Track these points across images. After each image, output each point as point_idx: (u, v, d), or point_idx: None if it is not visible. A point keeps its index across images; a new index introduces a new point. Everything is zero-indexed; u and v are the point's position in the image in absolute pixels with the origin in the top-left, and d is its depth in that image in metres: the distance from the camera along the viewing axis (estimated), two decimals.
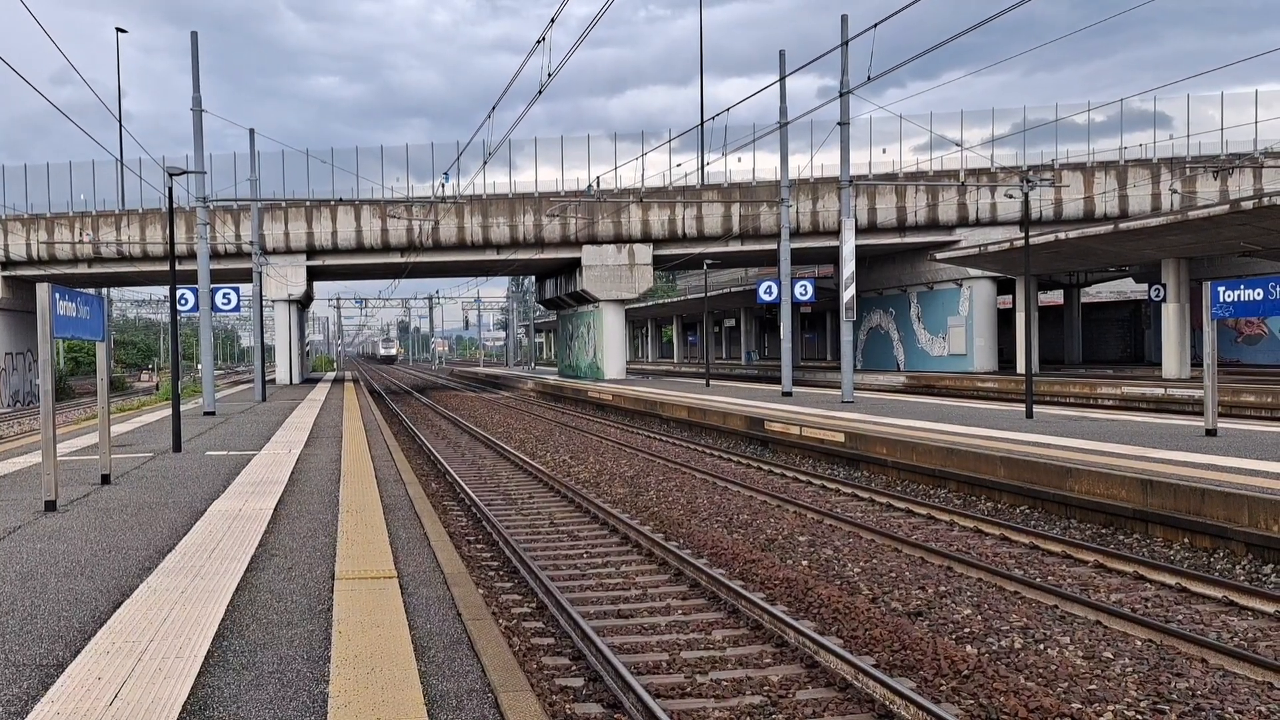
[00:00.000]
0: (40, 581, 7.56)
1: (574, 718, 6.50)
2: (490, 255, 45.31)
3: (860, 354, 49.63)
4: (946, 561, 10.44)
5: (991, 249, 36.32)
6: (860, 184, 36.56)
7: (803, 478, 16.76)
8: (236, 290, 29.53)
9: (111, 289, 66.33)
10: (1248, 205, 26.89)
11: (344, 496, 11.79)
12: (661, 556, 10.86)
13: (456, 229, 43.94)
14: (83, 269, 45.86)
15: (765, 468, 18.33)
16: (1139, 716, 6.34)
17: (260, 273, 37.47)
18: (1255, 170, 38.23)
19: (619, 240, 43.92)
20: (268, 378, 41.75)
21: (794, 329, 38.70)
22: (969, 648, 7.67)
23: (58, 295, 10.76)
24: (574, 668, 7.42)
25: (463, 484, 16.29)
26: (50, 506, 10.86)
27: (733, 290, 67.58)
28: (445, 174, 33.34)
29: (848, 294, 25.72)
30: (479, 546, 11.95)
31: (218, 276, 36.87)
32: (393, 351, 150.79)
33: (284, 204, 44.18)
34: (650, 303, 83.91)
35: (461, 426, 29.19)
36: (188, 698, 5.02)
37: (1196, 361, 37.18)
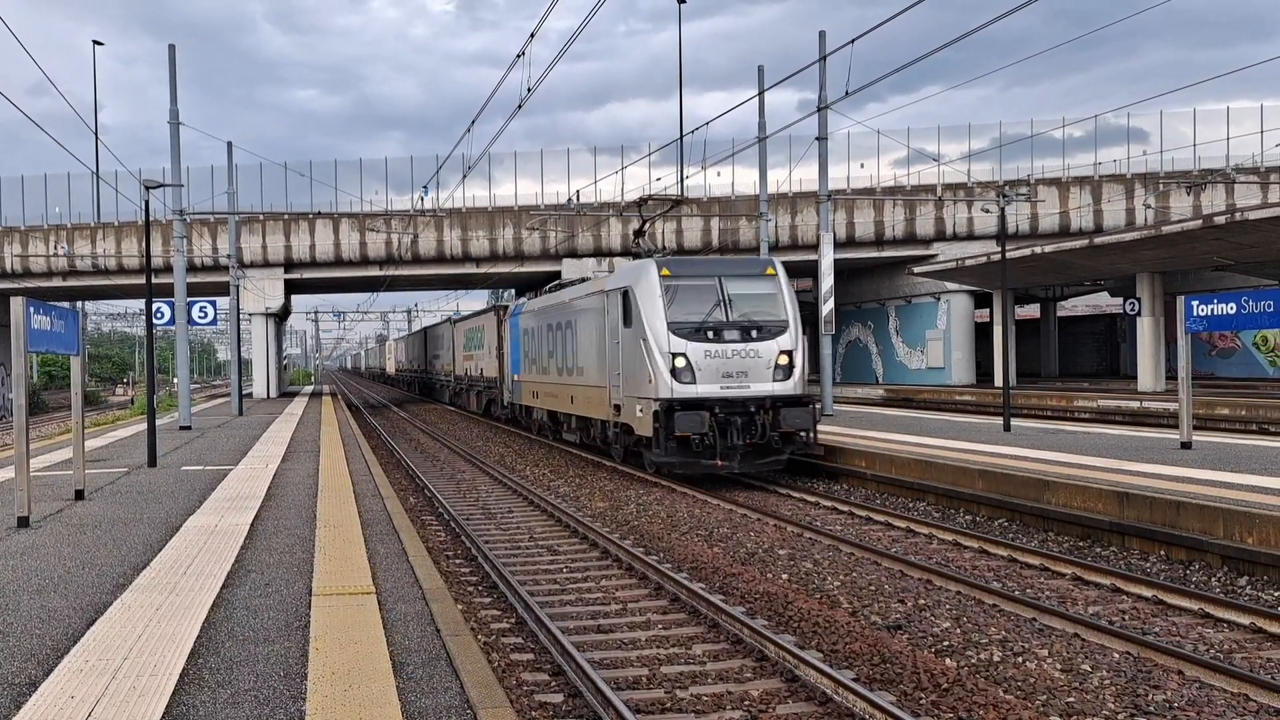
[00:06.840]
0: (12, 598, 7.46)
1: None
2: (470, 268, 45.25)
3: (839, 367, 49.82)
4: (926, 574, 10.46)
5: (969, 263, 36.60)
6: (839, 198, 36.77)
7: (781, 491, 16.77)
8: (213, 303, 29.36)
9: (87, 302, 65.74)
10: (1220, 220, 27.23)
11: (322, 511, 11.70)
12: (642, 571, 10.84)
13: (435, 242, 43.87)
14: (57, 282, 45.49)
15: (744, 481, 18.32)
16: None
17: (238, 286, 37.30)
18: (1227, 185, 38.73)
19: (599, 253, 43.98)
20: (245, 392, 41.48)
21: None
22: (948, 661, 7.68)
23: (32, 309, 10.66)
24: (554, 683, 7.38)
25: (441, 499, 16.21)
26: (23, 523, 10.73)
27: None
28: (424, 187, 33.35)
29: (827, 307, 25.82)
30: (458, 562, 11.88)
31: (194, 290, 36.60)
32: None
33: (262, 217, 43.99)
34: None
35: (440, 440, 29.06)
36: (163, 715, 4.96)
37: (1171, 374, 37.58)
